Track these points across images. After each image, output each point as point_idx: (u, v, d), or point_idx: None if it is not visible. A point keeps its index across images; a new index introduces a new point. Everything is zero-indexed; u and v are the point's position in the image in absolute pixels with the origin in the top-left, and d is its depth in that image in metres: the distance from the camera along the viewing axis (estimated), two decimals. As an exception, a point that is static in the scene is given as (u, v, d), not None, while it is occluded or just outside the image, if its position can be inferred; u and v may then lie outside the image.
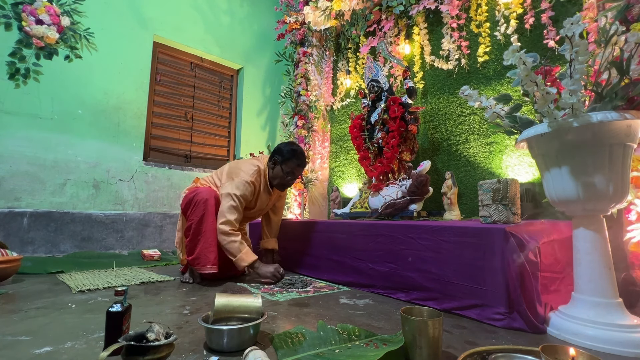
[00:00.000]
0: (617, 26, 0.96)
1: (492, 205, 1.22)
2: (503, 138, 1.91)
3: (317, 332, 0.91)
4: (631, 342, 0.85)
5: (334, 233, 1.78)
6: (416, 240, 1.35)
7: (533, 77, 0.94)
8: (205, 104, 3.43)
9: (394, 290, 1.42)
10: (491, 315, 1.07)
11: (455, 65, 2.17)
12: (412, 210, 1.82)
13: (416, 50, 2.44)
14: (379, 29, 2.68)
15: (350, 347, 0.83)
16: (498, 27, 1.95)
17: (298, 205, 2.91)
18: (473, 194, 2.01)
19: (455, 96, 2.18)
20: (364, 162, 2.23)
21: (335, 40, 3.18)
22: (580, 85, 0.90)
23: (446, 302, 1.21)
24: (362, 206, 2.19)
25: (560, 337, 0.95)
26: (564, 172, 0.98)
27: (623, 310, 0.93)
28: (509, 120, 1.13)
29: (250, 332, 0.85)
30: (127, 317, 0.81)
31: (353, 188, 2.89)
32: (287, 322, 1.06)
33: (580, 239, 1.00)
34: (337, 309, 1.22)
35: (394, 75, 2.56)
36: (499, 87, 1.96)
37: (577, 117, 0.91)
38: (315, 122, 3.11)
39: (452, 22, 2.18)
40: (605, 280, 0.94)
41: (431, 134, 2.30)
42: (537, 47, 1.79)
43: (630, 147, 0.94)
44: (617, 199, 0.94)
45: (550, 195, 1.05)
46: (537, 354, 0.69)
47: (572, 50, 0.89)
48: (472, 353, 0.76)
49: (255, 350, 0.72)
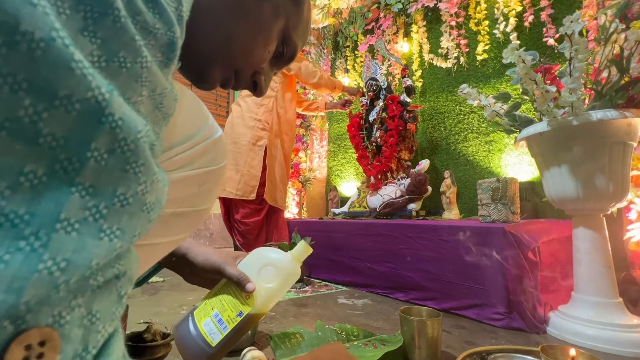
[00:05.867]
0: (617, 24, 0.96)
1: (492, 204, 1.22)
2: (502, 137, 1.90)
3: (316, 332, 0.91)
4: (631, 342, 0.85)
5: (332, 232, 1.78)
6: (415, 240, 1.34)
7: (532, 76, 0.94)
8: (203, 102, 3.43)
9: (392, 290, 1.41)
10: (490, 315, 1.06)
11: (454, 64, 2.17)
12: (410, 210, 1.82)
13: (415, 48, 2.43)
14: (378, 27, 2.67)
15: (348, 347, 0.82)
16: (497, 25, 1.95)
17: (296, 204, 2.90)
18: (472, 193, 2.01)
19: (454, 94, 2.18)
20: (363, 161, 2.22)
21: (333, 39, 3.17)
22: (579, 83, 0.89)
23: (445, 301, 1.20)
24: (360, 205, 2.19)
25: (560, 337, 0.95)
26: (563, 170, 0.97)
27: (623, 310, 0.92)
28: (508, 118, 1.12)
29: (248, 332, 0.84)
30: (124, 317, 0.80)
31: (351, 187, 2.89)
32: (285, 322, 1.06)
33: (580, 238, 1.00)
34: (336, 309, 1.22)
35: (393, 73, 2.56)
36: (498, 85, 1.96)
37: (576, 115, 0.90)
38: (313, 121, 3.10)
39: (451, 20, 2.17)
40: (605, 279, 0.94)
41: (430, 132, 2.30)
42: (537, 45, 1.79)
43: (630, 146, 0.93)
44: (617, 197, 0.94)
45: (550, 194, 1.05)
46: (536, 354, 0.69)
47: (571, 48, 0.89)
48: (471, 353, 0.76)
49: (253, 350, 0.71)
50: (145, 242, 0.39)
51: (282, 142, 1.96)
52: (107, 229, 0.19)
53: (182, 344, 0.51)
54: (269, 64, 0.47)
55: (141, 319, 1.03)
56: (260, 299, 0.52)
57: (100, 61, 0.19)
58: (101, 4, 0.19)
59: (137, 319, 1.04)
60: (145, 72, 0.22)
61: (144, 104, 0.23)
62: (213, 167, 0.44)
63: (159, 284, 1.59)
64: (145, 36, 0.22)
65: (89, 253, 0.18)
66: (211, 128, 0.44)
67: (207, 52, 0.41)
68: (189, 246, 0.57)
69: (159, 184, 0.23)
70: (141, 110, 0.23)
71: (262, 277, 0.53)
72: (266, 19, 0.42)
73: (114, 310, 0.22)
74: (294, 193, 2.90)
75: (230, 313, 0.51)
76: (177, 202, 0.41)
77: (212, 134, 0.44)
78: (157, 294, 1.40)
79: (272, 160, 1.89)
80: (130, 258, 0.23)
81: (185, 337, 0.51)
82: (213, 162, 0.43)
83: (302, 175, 2.87)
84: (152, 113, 0.24)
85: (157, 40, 0.23)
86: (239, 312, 0.50)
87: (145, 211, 0.22)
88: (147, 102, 0.23)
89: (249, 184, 1.82)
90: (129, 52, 0.21)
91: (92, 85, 0.18)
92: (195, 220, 0.46)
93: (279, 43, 0.45)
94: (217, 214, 2.98)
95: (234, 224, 1.92)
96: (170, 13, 0.24)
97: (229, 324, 0.50)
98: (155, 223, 0.39)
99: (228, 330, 0.50)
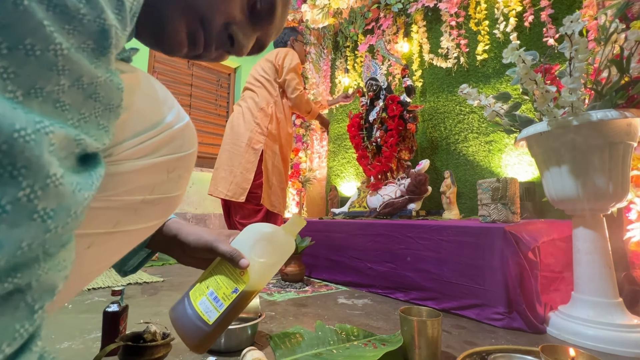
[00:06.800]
0: (617, 24, 0.96)
1: (492, 204, 1.22)
2: (502, 137, 1.90)
3: (315, 332, 0.91)
4: (632, 342, 0.85)
5: (332, 232, 1.78)
6: (415, 240, 1.35)
7: (532, 76, 0.94)
8: (202, 102, 3.42)
9: (392, 290, 1.41)
10: (490, 315, 1.06)
11: (454, 64, 2.17)
12: (410, 210, 1.82)
13: (415, 48, 2.43)
14: (378, 27, 2.67)
15: (348, 348, 0.82)
16: (497, 25, 1.95)
17: (296, 204, 2.90)
18: (472, 193, 2.01)
19: (454, 94, 2.18)
20: (363, 161, 2.22)
21: (333, 39, 3.17)
22: (579, 83, 0.89)
23: (445, 301, 1.20)
24: (360, 205, 2.19)
25: (560, 337, 0.95)
26: (563, 170, 0.97)
27: (623, 310, 0.92)
28: (508, 118, 1.12)
29: (248, 332, 0.85)
30: (124, 317, 0.80)
31: (351, 187, 2.89)
32: (285, 322, 1.06)
33: (580, 238, 1.00)
34: (336, 309, 1.22)
35: (393, 73, 2.56)
36: (498, 85, 1.96)
37: (576, 115, 0.90)
38: (313, 121, 3.09)
39: (451, 20, 2.17)
40: (606, 279, 0.94)
41: (430, 132, 2.30)
42: (537, 45, 1.79)
43: (630, 146, 0.93)
44: (617, 197, 0.94)
45: (550, 194, 1.05)
46: (536, 354, 0.69)
47: (571, 48, 0.89)
48: (471, 353, 0.76)
49: (253, 350, 0.71)
50: (117, 229, 0.38)
51: (281, 147, 1.96)
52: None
53: (179, 325, 0.51)
54: (246, 19, 0.44)
55: (141, 319, 1.03)
56: (255, 274, 0.51)
57: (0, 48, 0.18)
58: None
59: (137, 319, 1.04)
60: (61, 60, 0.21)
61: (65, 93, 0.22)
62: (181, 154, 0.43)
63: (158, 284, 1.59)
64: (68, 22, 0.21)
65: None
66: (177, 115, 0.43)
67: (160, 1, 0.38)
68: (179, 227, 0.56)
69: (60, 188, 0.21)
70: (63, 100, 0.21)
71: (256, 252, 0.53)
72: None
73: (17, 329, 0.19)
74: (294, 193, 2.90)
75: (226, 290, 0.50)
76: (146, 189, 0.40)
77: (178, 122, 0.43)
78: (157, 294, 1.40)
79: (269, 164, 1.89)
80: (42, 268, 0.21)
81: (181, 317, 0.51)
82: (181, 149, 0.43)
83: (302, 175, 2.87)
84: (85, 104, 0.23)
85: (84, 26, 0.22)
86: (234, 288, 0.50)
87: (36, 219, 0.20)
88: (71, 92, 0.22)
89: (241, 186, 1.82)
90: (37, 39, 0.19)
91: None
92: (168, 207, 0.45)
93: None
94: (217, 214, 2.98)
95: (234, 225, 1.93)
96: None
97: (225, 301, 0.50)
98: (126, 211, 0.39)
99: (224, 307, 0.49)
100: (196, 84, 3.36)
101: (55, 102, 0.21)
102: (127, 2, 0.26)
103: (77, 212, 0.23)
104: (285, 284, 1.58)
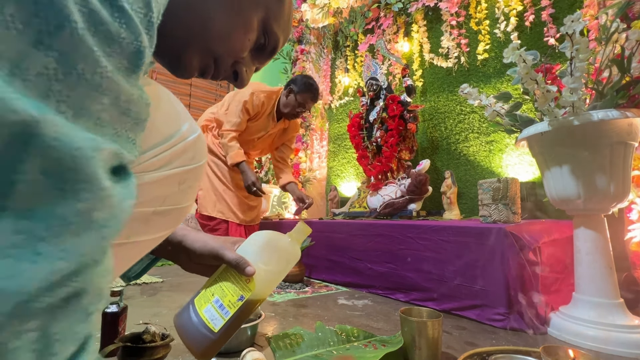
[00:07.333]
0: (618, 23, 0.95)
1: (492, 204, 1.22)
2: (503, 137, 1.90)
3: (315, 333, 0.90)
4: (633, 342, 0.84)
5: (332, 233, 1.77)
6: (415, 240, 1.34)
7: (533, 75, 0.93)
8: (202, 102, 3.42)
9: (393, 290, 1.41)
10: (491, 315, 1.06)
11: (455, 63, 2.16)
12: (411, 210, 1.81)
13: (415, 48, 2.42)
14: (378, 27, 2.67)
15: (348, 348, 0.82)
16: (498, 25, 1.94)
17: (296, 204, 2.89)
18: (473, 193, 2.01)
19: (455, 94, 2.17)
20: (363, 161, 2.22)
21: (333, 38, 3.16)
22: (580, 83, 0.89)
23: (445, 302, 1.20)
24: (360, 205, 2.18)
25: (561, 338, 0.95)
26: (564, 171, 0.97)
27: (624, 310, 0.92)
28: (509, 118, 1.12)
29: (248, 333, 0.84)
30: (123, 318, 0.80)
31: (351, 187, 2.88)
32: (285, 323, 1.05)
33: (581, 239, 0.99)
34: (336, 310, 1.22)
35: (393, 73, 2.55)
36: (498, 85, 1.95)
37: (577, 115, 0.90)
38: (313, 121, 3.09)
39: (452, 20, 2.17)
40: (607, 280, 0.93)
41: (430, 132, 2.29)
42: (537, 44, 1.78)
43: (631, 146, 0.93)
44: (619, 198, 0.93)
45: (551, 194, 1.05)
46: (537, 354, 0.69)
47: (572, 48, 0.88)
48: (472, 354, 0.75)
49: (253, 351, 0.71)
50: (127, 240, 0.40)
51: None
52: (46, 251, 0.19)
53: (184, 333, 0.51)
54: (250, 55, 0.48)
55: (140, 320, 1.03)
56: (261, 282, 0.51)
57: (57, 74, 0.20)
58: (57, 17, 0.19)
59: (136, 319, 1.03)
60: (105, 82, 0.22)
61: (107, 111, 0.23)
62: (192, 166, 0.45)
63: (158, 285, 1.59)
64: (109, 45, 0.22)
65: (23, 278, 0.18)
66: (189, 128, 0.45)
67: (183, 37, 0.40)
68: (185, 233, 0.56)
69: (111, 199, 0.23)
70: (103, 118, 0.23)
71: (262, 260, 0.53)
72: (244, 5, 0.42)
73: (78, 330, 0.21)
74: (294, 193, 2.89)
75: (231, 298, 0.50)
76: (158, 201, 0.42)
77: (190, 134, 0.44)
78: (156, 294, 1.40)
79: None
80: (94, 273, 0.22)
81: (186, 325, 0.51)
82: (192, 161, 0.45)
83: (302, 176, 2.87)
84: (119, 119, 0.25)
85: (122, 48, 0.23)
86: (240, 296, 0.50)
87: (93, 229, 0.22)
88: (110, 110, 0.24)
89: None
90: (87, 64, 0.21)
91: (18, 108, 0.18)
92: (177, 217, 0.46)
93: (260, 33, 0.46)
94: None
95: None
96: (137, 23, 0.24)
97: (231, 309, 0.49)
98: (138, 222, 0.40)
99: (230, 315, 0.49)
100: (195, 83, 3.37)
101: (97, 119, 0.23)
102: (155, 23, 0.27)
103: (124, 219, 0.25)
104: (285, 285, 1.58)
